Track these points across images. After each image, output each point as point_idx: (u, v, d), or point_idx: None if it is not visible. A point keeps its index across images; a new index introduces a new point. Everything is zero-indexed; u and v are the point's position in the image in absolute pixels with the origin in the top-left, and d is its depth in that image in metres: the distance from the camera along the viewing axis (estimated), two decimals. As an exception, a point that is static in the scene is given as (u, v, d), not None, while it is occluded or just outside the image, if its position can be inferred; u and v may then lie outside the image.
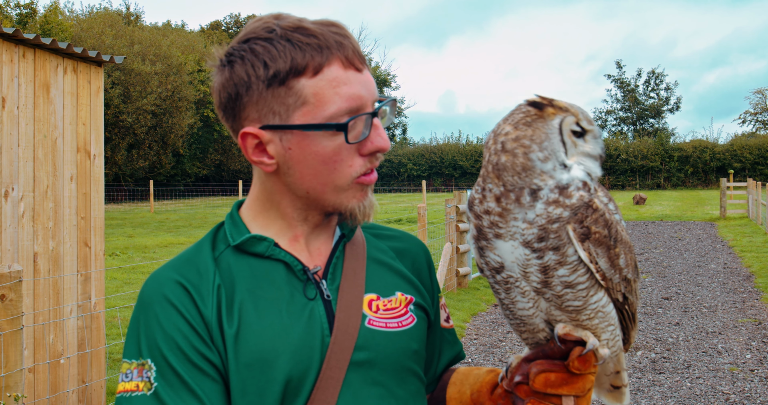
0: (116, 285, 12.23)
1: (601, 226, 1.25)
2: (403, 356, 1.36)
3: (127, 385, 1.24)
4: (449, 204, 11.80)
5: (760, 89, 71.11)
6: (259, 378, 1.24)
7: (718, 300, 10.87)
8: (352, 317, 1.33)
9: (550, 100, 1.28)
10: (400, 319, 1.39)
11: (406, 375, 1.37)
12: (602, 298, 1.30)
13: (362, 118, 1.28)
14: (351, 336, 1.31)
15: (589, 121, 1.30)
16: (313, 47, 1.25)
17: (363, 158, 1.31)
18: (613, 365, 1.48)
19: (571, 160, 1.27)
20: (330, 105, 1.25)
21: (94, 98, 5.64)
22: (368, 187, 1.35)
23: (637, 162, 54.06)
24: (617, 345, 1.38)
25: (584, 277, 1.26)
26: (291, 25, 1.27)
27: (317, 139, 1.26)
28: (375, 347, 1.33)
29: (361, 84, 1.28)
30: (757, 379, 6.94)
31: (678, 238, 19.84)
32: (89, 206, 5.57)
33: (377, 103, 1.33)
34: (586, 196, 1.25)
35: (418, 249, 1.55)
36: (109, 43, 38.98)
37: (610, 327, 1.33)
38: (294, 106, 1.26)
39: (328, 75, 1.25)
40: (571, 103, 1.30)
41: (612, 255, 1.28)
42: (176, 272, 1.31)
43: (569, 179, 1.25)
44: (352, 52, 1.28)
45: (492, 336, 8.90)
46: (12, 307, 3.93)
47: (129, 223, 25.87)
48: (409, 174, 56.20)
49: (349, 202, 1.33)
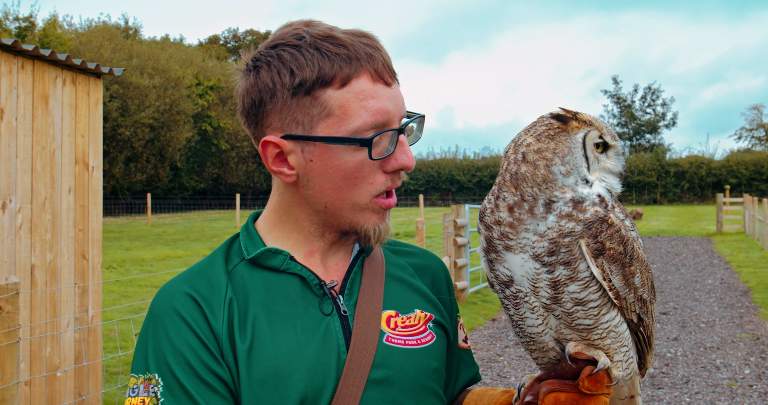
0: (113, 298, 12.18)
1: (616, 242, 1.21)
2: (422, 374, 1.33)
3: (133, 400, 1.21)
4: (447, 218, 11.79)
5: (756, 105, 71.54)
6: (272, 395, 1.21)
7: (716, 315, 10.85)
8: (370, 334, 1.29)
9: (575, 114, 1.25)
10: (419, 336, 1.35)
11: (425, 394, 1.33)
12: (615, 317, 1.25)
13: (388, 134, 1.26)
14: (369, 353, 1.27)
15: (613, 137, 1.27)
16: (342, 58, 1.22)
17: (385, 175, 1.28)
18: (628, 389, 1.41)
19: (593, 175, 1.24)
20: (355, 118, 1.22)
21: (93, 110, 5.64)
22: (386, 211, 1.32)
23: (634, 177, 54.16)
24: (632, 368, 1.33)
25: (596, 294, 1.22)
26: (321, 33, 1.24)
27: (340, 153, 1.23)
28: (394, 365, 1.29)
29: (389, 98, 1.25)
30: (756, 395, 6.91)
31: (675, 254, 19.84)
32: (87, 218, 5.56)
33: (405, 118, 1.30)
34: (602, 212, 1.21)
35: (438, 266, 1.52)
36: (108, 57, 39.05)
37: (623, 348, 1.28)
38: (318, 117, 1.23)
39: (355, 87, 1.22)
40: (595, 117, 1.27)
41: (627, 273, 1.23)
42: (187, 285, 1.28)
43: (587, 194, 1.21)
44: (382, 65, 1.25)
45: (490, 350, 8.87)
46: (9, 320, 3.91)
47: (126, 236, 25.81)
48: (406, 188, 56.24)
49: (365, 223, 1.30)
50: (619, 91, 73.63)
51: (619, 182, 1.28)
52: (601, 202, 1.22)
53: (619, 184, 1.27)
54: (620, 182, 1.27)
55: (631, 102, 73.02)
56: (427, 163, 58.58)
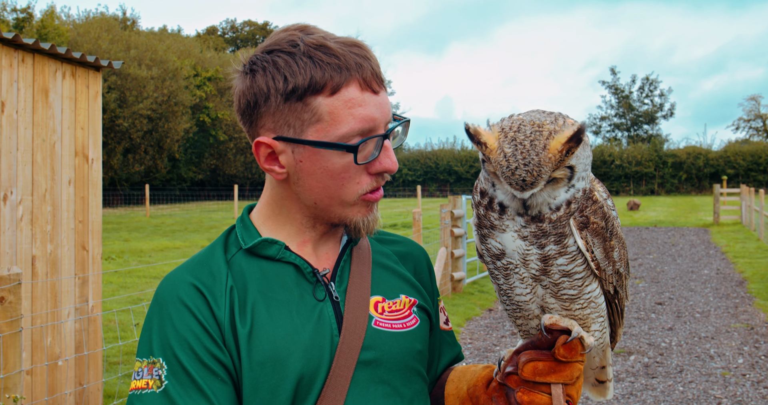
0: (112, 289, 12.24)
1: (599, 217, 1.30)
2: (407, 356, 1.42)
3: (138, 382, 1.29)
4: (444, 209, 11.85)
5: (753, 96, 71.56)
6: (271, 376, 1.29)
7: (711, 305, 10.93)
8: (360, 318, 1.38)
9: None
10: (404, 320, 1.44)
11: (410, 374, 1.43)
12: (596, 288, 1.35)
13: (374, 140, 1.34)
14: (359, 336, 1.36)
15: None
16: (333, 67, 1.29)
17: (370, 177, 1.36)
18: (599, 360, 1.52)
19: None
20: (343, 125, 1.30)
21: (92, 103, 5.68)
22: (374, 204, 1.41)
23: (631, 168, 54.20)
24: (605, 338, 1.43)
25: (581, 267, 1.31)
26: (314, 42, 1.31)
27: (327, 156, 1.32)
28: (381, 347, 1.38)
29: (375, 106, 1.33)
30: (748, 384, 6.99)
31: (672, 244, 19.91)
32: (87, 210, 5.61)
33: (392, 122, 1.39)
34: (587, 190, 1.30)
35: (420, 253, 1.62)
36: (106, 48, 38.94)
37: (599, 318, 1.39)
38: (309, 122, 1.31)
39: (344, 95, 1.30)
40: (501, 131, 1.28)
41: (607, 247, 1.33)
42: (190, 274, 1.36)
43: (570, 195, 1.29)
44: (370, 74, 1.33)
45: (486, 340, 8.94)
46: (11, 310, 3.97)
47: (125, 227, 25.83)
48: (404, 179, 56.27)
49: (354, 216, 1.39)
50: (617, 82, 73.59)
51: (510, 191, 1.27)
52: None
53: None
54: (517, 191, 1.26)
55: (628, 93, 72.99)
56: (425, 153, 58.53)
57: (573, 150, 1.20)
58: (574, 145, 1.20)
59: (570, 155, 1.21)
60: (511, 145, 1.21)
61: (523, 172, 1.19)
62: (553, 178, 1.24)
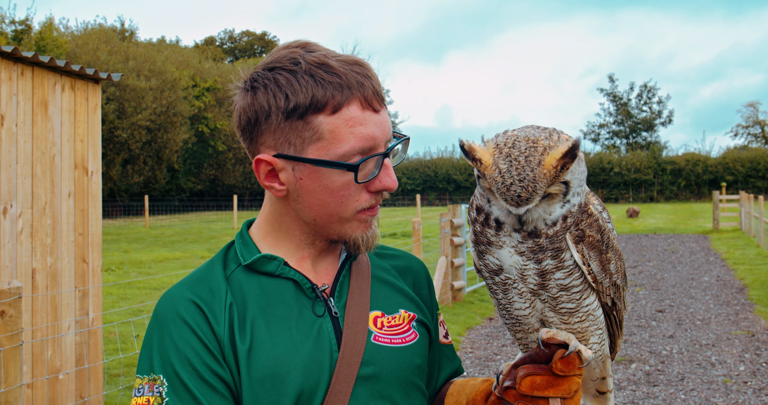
0: (112, 300, 12.22)
1: (594, 230, 1.31)
2: (407, 371, 1.42)
3: (139, 399, 1.29)
4: (444, 218, 11.85)
5: (752, 102, 71.59)
6: (271, 392, 1.29)
7: (712, 312, 10.92)
8: (359, 333, 1.38)
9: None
10: (403, 335, 1.45)
11: (410, 389, 1.43)
12: (593, 301, 1.36)
13: (374, 158, 1.34)
14: (358, 351, 1.36)
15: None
16: (334, 86, 1.29)
17: (370, 194, 1.37)
18: (600, 371, 1.52)
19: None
20: (344, 143, 1.30)
21: (91, 115, 5.70)
22: (372, 219, 1.41)
23: (630, 175, 54.28)
24: (604, 350, 1.44)
25: (579, 280, 1.31)
26: (316, 60, 1.31)
27: (328, 174, 1.32)
28: (381, 362, 1.38)
29: (376, 125, 1.33)
30: (750, 391, 6.98)
31: (671, 251, 19.91)
32: (87, 222, 5.61)
33: (393, 140, 1.39)
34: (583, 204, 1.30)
35: (419, 268, 1.62)
36: (104, 59, 39.03)
37: (598, 331, 1.39)
38: (309, 140, 1.31)
39: (346, 114, 1.30)
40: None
41: (603, 259, 1.33)
42: (189, 291, 1.36)
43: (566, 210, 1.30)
44: (371, 93, 1.33)
45: (487, 349, 8.93)
46: (12, 323, 3.96)
47: (124, 239, 25.82)
48: (403, 188, 56.30)
49: (353, 233, 1.39)
50: (616, 89, 73.73)
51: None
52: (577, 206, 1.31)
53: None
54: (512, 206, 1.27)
55: (627, 100, 73.11)
56: (424, 162, 58.63)
57: (568, 165, 1.21)
58: (569, 161, 1.20)
59: (565, 171, 1.21)
60: (506, 161, 1.21)
61: (519, 188, 1.20)
62: (549, 194, 1.24)
